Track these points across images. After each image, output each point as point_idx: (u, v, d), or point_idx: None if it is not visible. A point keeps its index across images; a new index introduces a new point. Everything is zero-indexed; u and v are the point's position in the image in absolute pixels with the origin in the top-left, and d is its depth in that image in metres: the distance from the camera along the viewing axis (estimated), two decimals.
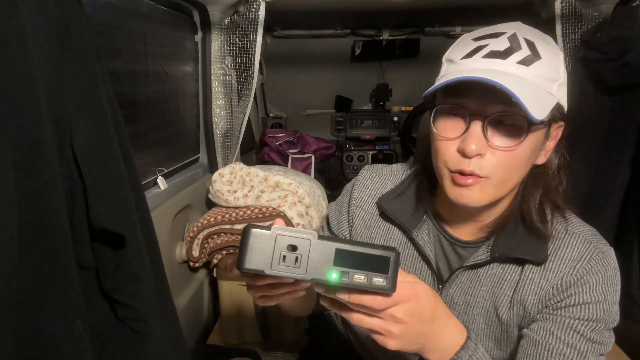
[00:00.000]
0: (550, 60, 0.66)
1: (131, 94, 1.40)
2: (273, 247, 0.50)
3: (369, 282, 0.51)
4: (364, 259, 0.51)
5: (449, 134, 0.67)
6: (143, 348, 0.80)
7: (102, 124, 0.71)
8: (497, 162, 0.65)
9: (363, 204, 0.87)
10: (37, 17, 0.61)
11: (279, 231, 0.50)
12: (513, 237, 0.73)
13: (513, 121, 0.64)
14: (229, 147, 1.90)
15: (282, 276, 0.50)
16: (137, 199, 0.80)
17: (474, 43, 0.67)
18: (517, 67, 0.64)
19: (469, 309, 0.78)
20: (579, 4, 1.56)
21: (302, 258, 0.50)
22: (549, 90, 0.65)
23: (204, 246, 1.63)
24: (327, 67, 2.83)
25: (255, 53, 1.71)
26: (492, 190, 0.67)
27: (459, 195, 0.68)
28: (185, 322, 1.07)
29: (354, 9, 1.99)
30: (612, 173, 1.50)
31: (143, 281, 0.78)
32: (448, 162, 0.68)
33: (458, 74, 0.64)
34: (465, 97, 0.65)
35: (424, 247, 0.79)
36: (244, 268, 0.50)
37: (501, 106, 0.64)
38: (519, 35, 0.66)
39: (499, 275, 0.75)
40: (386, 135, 2.83)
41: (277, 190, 1.65)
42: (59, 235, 0.63)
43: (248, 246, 0.50)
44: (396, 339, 0.57)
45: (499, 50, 0.65)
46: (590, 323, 0.69)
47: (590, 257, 0.70)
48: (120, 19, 1.32)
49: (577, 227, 0.74)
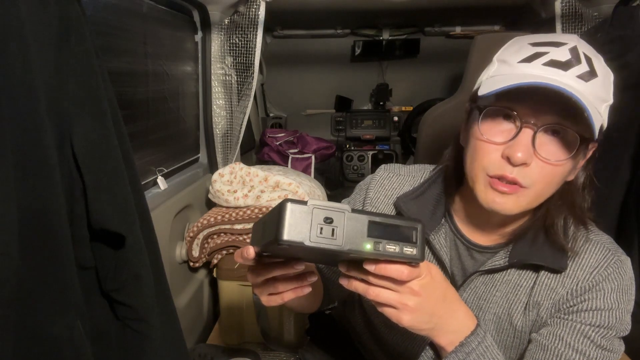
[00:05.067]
0: (604, 80, 0.65)
1: (131, 94, 1.40)
2: (310, 220, 0.51)
3: (401, 251, 0.53)
4: (394, 230, 0.53)
5: (496, 137, 0.65)
6: (143, 348, 0.80)
7: (102, 124, 0.71)
8: (540, 174, 0.64)
9: (379, 203, 0.85)
10: (37, 17, 0.61)
11: (316, 203, 0.51)
12: (533, 245, 0.72)
13: (564, 135, 0.63)
14: (229, 147, 1.90)
15: (322, 248, 0.51)
16: (137, 199, 0.80)
17: (533, 48, 0.65)
18: (577, 81, 0.62)
19: (481, 313, 0.77)
20: (579, 4, 1.55)
21: (338, 230, 0.51)
22: (599, 110, 0.64)
23: (204, 246, 1.63)
24: (327, 67, 2.83)
25: (255, 53, 1.71)
26: (527, 201, 0.66)
27: (492, 201, 0.66)
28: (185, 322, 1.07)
29: (354, 9, 1.99)
30: (612, 173, 1.50)
31: (143, 281, 0.78)
32: (488, 167, 0.66)
33: (517, 77, 0.62)
34: (518, 102, 0.63)
35: (440, 251, 0.77)
36: (282, 240, 0.50)
37: (556, 117, 0.62)
38: (579, 49, 0.64)
39: (515, 281, 0.74)
40: (386, 135, 2.83)
41: (277, 190, 1.65)
42: (59, 235, 0.63)
43: (285, 219, 0.50)
44: (411, 312, 0.57)
45: (560, 61, 0.63)
46: (602, 330, 0.69)
47: (608, 264, 0.70)
48: (120, 18, 1.32)
49: (596, 235, 0.74)
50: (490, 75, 0.68)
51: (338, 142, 2.83)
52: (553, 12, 1.60)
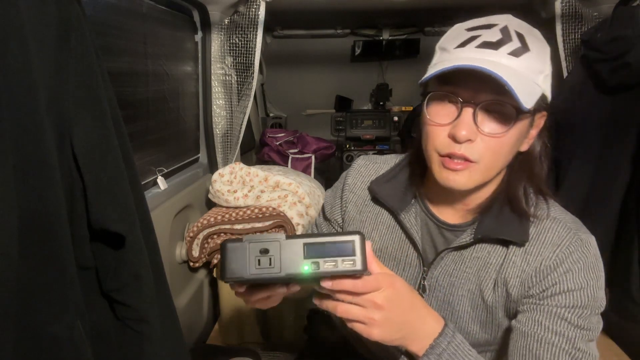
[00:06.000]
0: (538, 53, 0.69)
1: (131, 94, 1.40)
2: (247, 255, 0.56)
3: (339, 266, 0.55)
4: (331, 247, 0.56)
5: (441, 119, 0.70)
6: (143, 348, 0.80)
7: (102, 124, 0.71)
8: (485, 148, 0.68)
9: (356, 189, 0.90)
10: (37, 17, 0.61)
11: (251, 238, 0.56)
12: (497, 220, 0.75)
13: (502, 109, 0.67)
14: (229, 147, 1.90)
15: (260, 278, 0.56)
16: (137, 199, 0.80)
17: (467, 33, 0.70)
18: (508, 58, 0.67)
19: (453, 289, 0.80)
20: (579, 4, 1.56)
21: (275, 258, 0.56)
22: (536, 81, 0.68)
23: (204, 246, 1.63)
24: (327, 67, 2.83)
25: (255, 53, 1.71)
26: (480, 175, 0.71)
27: (446, 179, 0.71)
28: (185, 322, 1.07)
29: (354, 9, 1.99)
30: (612, 173, 1.50)
31: (143, 281, 0.78)
32: (438, 147, 0.70)
33: (452, 62, 0.67)
34: (458, 85, 0.68)
35: (410, 229, 0.81)
36: (225, 279, 0.56)
37: (492, 95, 0.67)
38: (510, 28, 0.69)
39: (484, 258, 0.78)
40: (386, 135, 2.83)
41: (277, 190, 1.65)
42: (59, 235, 0.63)
43: (226, 259, 0.56)
44: (379, 326, 0.60)
45: (492, 41, 0.67)
46: (577, 310, 0.71)
47: (569, 242, 0.73)
48: (120, 19, 1.32)
49: (559, 213, 0.77)
50: (433, 63, 0.73)
51: (338, 142, 2.83)
52: (553, 12, 1.60)
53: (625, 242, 1.48)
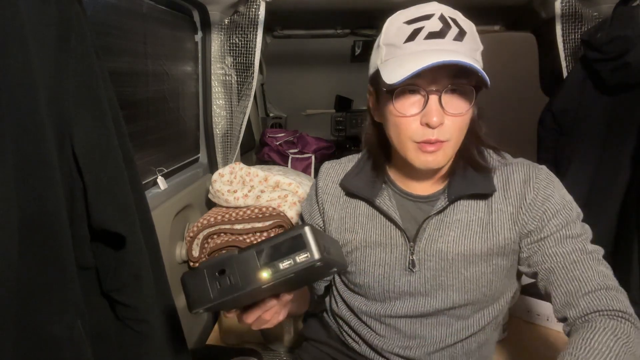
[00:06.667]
0: (471, 33, 0.76)
1: (131, 94, 1.39)
2: (206, 280, 0.55)
3: (297, 262, 0.55)
4: (283, 247, 0.56)
5: (411, 110, 0.76)
6: (143, 348, 0.80)
7: (102, 124, 0.71)
8: (454, 127, 0.76)
9: (329, 189, 0.96)
10: (37, 17, 0.61)
11: (206, 264, 0.56)
12: (464, 179, 0.83)
13: (462, 89, 0.75)
14: (229, 147, 1.90)
15: (227, 299, 0.55)
16: (137, 199, 0.80)
17: (410, 26, 0.75)
18: (454, 44, 0.73)
19: (442, 255, 0.84)
20: (579, 4, 1.55)
21: (233, 276, 0.55)
22: (477, 59, 0.76)
23: (204, 246, 1.63)
24: (327, 67, 2.83)
25: (255, 53, 1.71)
26: (452, 150, 0.79)
27: (425, 162, 0.78)
28: (185, 322, 1.07)
29: (354, 9, 1.99)
30: (612, 173, 1.50)
31: (143, 281, 0.78)
32: (413, 136, 0.76)
33: (409, 56, 0.73)
34: (419, 77, 0.72)
35: (388, 211, 0.86)
36: (193, 311, 0.56)
37: (450, 79, 0.73)
38: (445, 15, 0.75)
39: (465, 219, 0.84)
40: None
41: (277, 190, 1.65)
42: (59, 235, 0.63)
43: (188, 290, 0.56)
44: None
45: (436, 31, 0.73)
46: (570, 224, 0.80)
47: (535, 174, 0.82)
48: (120, 19, 1.32)
49: (513, 159, 0.87)
50: (383, 59, 0.78)
51: (338, 142, 2.83)
52: (553, 12, 1.60)
53: (625, 242, 1.48)
